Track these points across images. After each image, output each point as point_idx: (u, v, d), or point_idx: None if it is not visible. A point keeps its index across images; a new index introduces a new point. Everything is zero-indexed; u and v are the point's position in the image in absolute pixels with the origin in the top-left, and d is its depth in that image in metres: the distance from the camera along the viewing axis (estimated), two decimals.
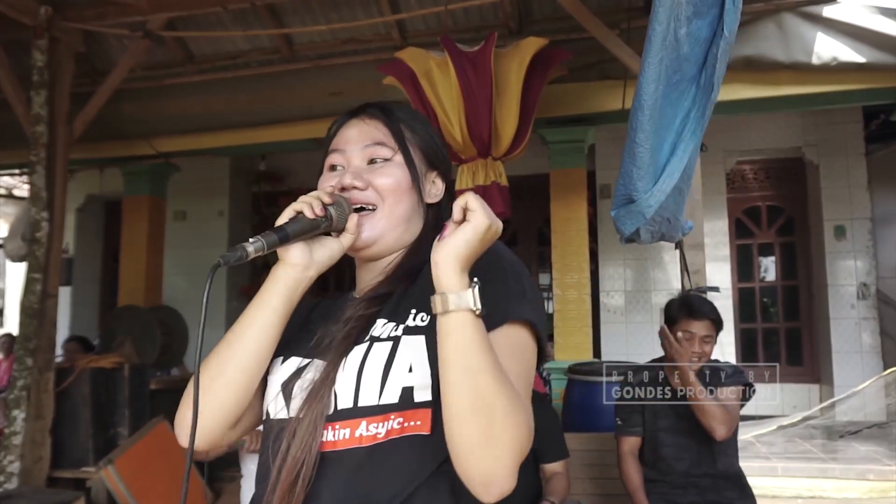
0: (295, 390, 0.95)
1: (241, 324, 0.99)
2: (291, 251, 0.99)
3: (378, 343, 0.93)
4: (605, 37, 3.83)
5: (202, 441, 0.97)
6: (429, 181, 1.11)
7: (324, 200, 0.99)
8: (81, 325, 8.10)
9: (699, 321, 2.69)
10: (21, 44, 4.45)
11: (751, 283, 7.12)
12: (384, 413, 0.89)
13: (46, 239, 4.19)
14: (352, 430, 0.89)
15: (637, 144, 1.93)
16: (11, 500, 3.40)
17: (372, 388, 0.89)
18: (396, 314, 0.97)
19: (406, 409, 0.89)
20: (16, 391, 4.03)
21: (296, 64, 5.18)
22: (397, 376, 0.89)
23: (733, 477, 2.75)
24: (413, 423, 0.89)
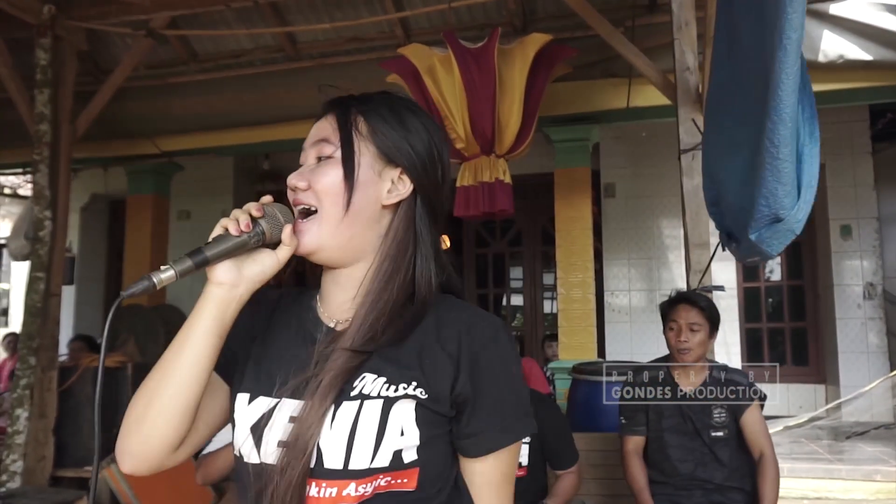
0: (266, 434, 0.91)
1: (172, 348, 0.93)
2: (217, 270, 0.92)
3: (368, 402, 0.89)
4: (610, 34, 3.81)
5: (143, 465, 0.94)
6: (385, 179, 0.98)
7: (252, 214, 0.93)
8: (85, 324, 8.10)
9: (681, 307, 2.68)
10: (24, 42, 4.45)
11: (756, 282, 7.08)
12: (374, 475, 0.88)
13: (50, 238, 4.19)
14: (339, 489, 0.87)
15: (781, 160, 1.78)
16: (14, 499, 3.39)
17: (364, 453, 0.87)
18: (388, 371, 0.91)
19: (395, 470, 0.89)
20: (19, 390, 4.02)
21: (299, 62, 5.17)
22: (390, 440, 0.88)
23: (740, 481, 2.72)
24: (400, 480, 0.89)
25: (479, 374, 0.92)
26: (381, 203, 0.98)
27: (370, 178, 0.97)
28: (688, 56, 3.47)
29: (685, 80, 3.46)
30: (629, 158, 6.74)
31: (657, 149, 6.40)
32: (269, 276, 0.97)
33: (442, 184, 1.03)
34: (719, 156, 2.20)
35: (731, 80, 2.10)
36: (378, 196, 0.98)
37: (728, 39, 2.10)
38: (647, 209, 6.71)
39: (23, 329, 4.17)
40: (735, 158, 2.07)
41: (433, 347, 0.93)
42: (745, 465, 2.74)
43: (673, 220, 6.59)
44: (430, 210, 1.01)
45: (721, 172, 2.17)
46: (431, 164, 1.00)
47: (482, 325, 0.95)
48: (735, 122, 2.07)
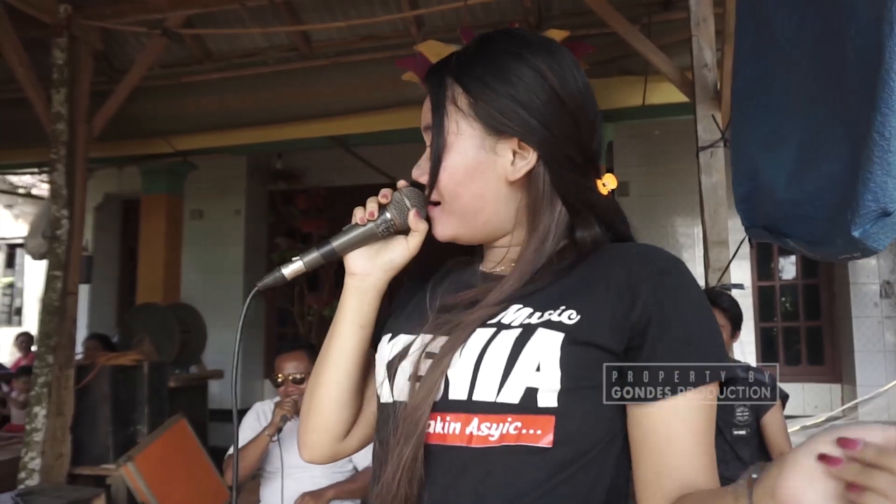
0: (399, 371, 0.86)
1: (327, 339, 0.96)
2: (350, 260, 0.93)
3: (505, 331, 0.79)
4: (627, 31, 3.79)
5: (315, 454, 0.98)
6: (502, 154, 0.86)
7: (380, 201, 0.91)
8: (100, 322, 8.14)
9: None
10: (40, 43, 4.47)
11: (771, 281, 7.04)
12: (501, 413, 0.76)
13: (66, 237, 4.21)
14: (462, 425, 0.78)
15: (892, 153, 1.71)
16: (33, 496, 3.41)
17: (490, 383, 0.77)
18: (536, 301, 0.82)
19: (526, 413, 0.76)
20: (37, 388, 4.04)
21: (313, 61, 5.17)
22: (522, 373, 0.76)
23: None
24: (532, 431, 0.76)
25: (663, 297, 0.78)
26: (507, 180, 0.87)
27: (483, 158, 0.86)
28: (706, 52, 3.44)
29: (703, 76, 3.44)
30: (643, 157, 6.71)
31: (671, 147, 6.37)
32: (402, 264, 0.95)
33: (577, 126, 0.86)
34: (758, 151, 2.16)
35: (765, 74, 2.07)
36: (501, 174, 0.86)
37: (755, 33, 2.07)
38: (661, 208, 6.68)
39: (40, 327, 4.19)
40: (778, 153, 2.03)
41: (597, 280, 0.82)
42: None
43: (687, 219, 6.56)
44: (570, 164, 0.87)
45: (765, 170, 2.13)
46: (553, 115, 0.85)
47: (657, 253, 0.84)
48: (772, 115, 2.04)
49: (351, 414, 0.97)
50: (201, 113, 5.54)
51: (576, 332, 0.77)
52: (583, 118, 0.87)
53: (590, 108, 0.88)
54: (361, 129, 5.28)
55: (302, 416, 0.98)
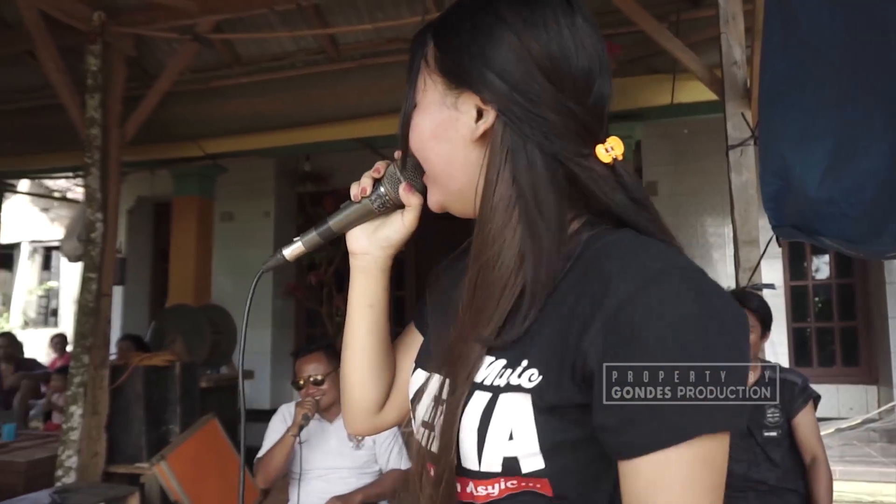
0: (417, 413, 0.83)
1: (346, 324, 0.99)
2: (350, 240, 0.92)
3: (478, 393, 0.71)
4: (655, 30, 3.76)
5: (357, 429, 1.02)
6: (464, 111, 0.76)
7: (373, 176, 0.88)
8: (132, 323, 8.28)
9: None
10: (74, 49, 4.56)
11: (804, 281, 6.93)
12: (491, 479, 0.71)
13: (101, 239, 4.29)
14: (462, 486, 0.73)
15: None
16: (70, 494, 3.47)
17: (470, 454, 0.71)
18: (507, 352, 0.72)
19: (515, 476, 0.70)
20: (73, 387, 4.13)
21: (340, 64, 5.21)
22: (495, 444, 0.69)
23: (794, 483, 2.66)
24: (531, 485, 0.70)
25: (616, 333, 0.62)
26: (470, 139, 0.76)
27: (446, 116, 0.77)
28: (735, 50, 3.40)
29: (732, 74, 3.40)
30: (672, 156, 6.65)
31: (700, 145, 6.30)
32: (401, 241, 0.91)
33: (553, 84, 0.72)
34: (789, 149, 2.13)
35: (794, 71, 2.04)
36: (465, 133, 0.76)
37: (782, 31, 2.05)
38: (690, 207, 6.61)
39: (76, 328, 4.28)
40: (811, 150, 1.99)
41: (556, 314, 0.69)
42: (798, 467, 2.68)
43: (717, 219, 6.48)
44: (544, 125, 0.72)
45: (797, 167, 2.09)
46: (521, 71, 0.72)
47: (634, 270, 0.65)
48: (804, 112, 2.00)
49: (377, 390, 0.98)
50: (231, 116, 5.61)
51: (538, 395, 0.67)
52: (566, 76, 0.73)
53: (579, 65, 0.73)
54: (388, 131, 5.30)
55: (341, 394, 1.01)
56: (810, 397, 2.67)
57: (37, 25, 4.23)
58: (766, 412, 2.64)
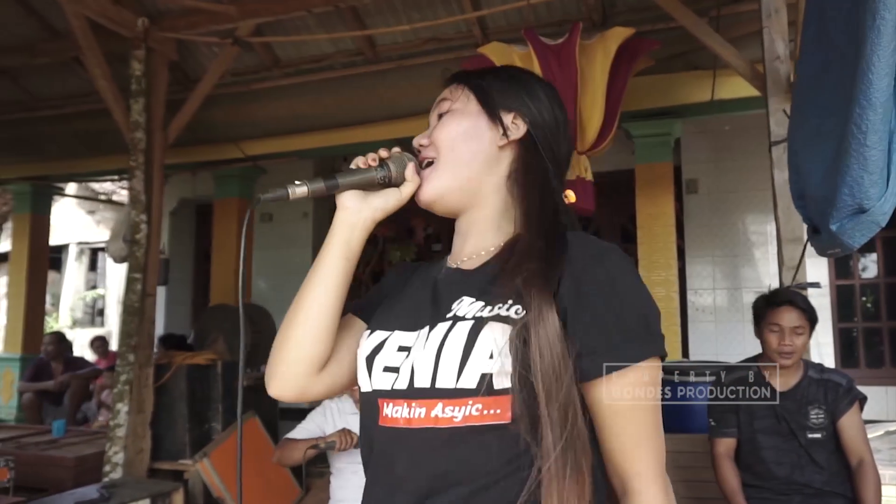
0: (375, 364, 0.96)
1: (309, 273, 1.03)
2: (344, 196, 1.01)
3: (461, 323, 0.89)
4: (694, 25, 3.71)
5: (287, 387, 1.01)
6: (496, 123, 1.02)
7: (381, 155, 1.02)
8: (175, 323, 8.44)
9: (785, 310, 2.56)
10: (119, 55, 4.67)
11: (850, 279, 6.76)
12: (462, 397, 0.85)
13: (145, 240, 4.39)
14: (427, 409, 0.87)
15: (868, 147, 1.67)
16: (117, 489, 3.56)
17: (450, 371, 0.86)
18: (486, 293, 0.92)
19: (485, 395, 0.84)
20: (119, 385, 4.23)
21: (378, 65, 5.24)
22: (476, 362, 0.85)
23: (841, 486, 2.60)
24: (492, 410, 0.84)
25: (583, 284, 0.86)
26: (496, 144, 1.01)
27: (482, 124, 1.02)
28: (778, 44, 3.34)
29: (775, 69, 3.34)
30: (712, 153, 6.54)
31: (742, 142, 6.19)
32: (392, 209, 1.04)
33: (558, 129, 1.04)
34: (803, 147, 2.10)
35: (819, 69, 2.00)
36: (493, 139, 1.01)
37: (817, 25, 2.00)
38: (731, 205, 6.49)
39: (121, 327, 4.38)
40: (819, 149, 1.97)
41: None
42: (844, 470, 2.61)
43: (759, 216, 6.36)
44: (550, 153, 1.03)
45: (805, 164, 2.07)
46: (546, 110, 1.03)
47: (591, 243, 0.92)
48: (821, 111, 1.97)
49: (325, 348, 1.01)
50: (270, 118, 5.69)
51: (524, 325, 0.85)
52: (562, 130, 1.05)
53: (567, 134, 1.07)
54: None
55: (274, 347, 1.02)
56: (856, 398, 2.60)
57: (84, 32, 4.34)
58: (810, 413, 2.58)
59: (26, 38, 5.43)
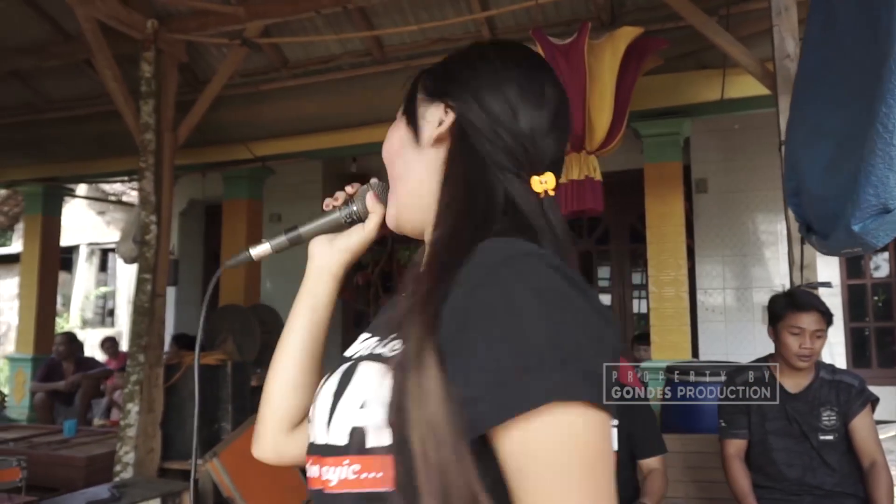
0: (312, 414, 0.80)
1: (285, 325, 0.97)
2: (311, 245, 0.96)
3: (343, 365, 0.75)
4: (704, 24, 3.69)
5: (260, 448, 0.95)
6: (430, 120, 0.81)
7: (347, 192, 0.95)
8: (185, 323, 8.48)
9: (808, 314, 2.54)
10: (128, 57, 4.69)
11: (862, 279, 6.71)
12: (336, 455, 0.69)
13: (155, 241, 4.41)
14: (319, 468, 0.72)
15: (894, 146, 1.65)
16: (128, 488, 3.58)
17: (321, 423, 0.72)
18: (378, 328, 0.79)
19: (360, 454, 0.67)
20: (130, 385, 4.25)
21: (386, 65, 5.25)
22: (346, 412, 0.69)
23: (853, 487, 2.58)
24: (371, 474, 0.66)
25: (470, 309, 0.62)
26: (428, 145, 0.81)
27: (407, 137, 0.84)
28: (788, 42, 3.32)
29: (785, 67, 3.32)
30: (722, 152, 6.51)
31: (751, 141, 6.16)
32: (359, 247, 0.95)
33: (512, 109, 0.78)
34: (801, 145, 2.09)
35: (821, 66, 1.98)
36: (425, 139, 0.81)
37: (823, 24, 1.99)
38: (741, 204, 6.46)
39: (132, 328, 4.40)
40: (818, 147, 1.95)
41: None
42: (856, 471, 2.60)
43: (769, 216, 6.33)
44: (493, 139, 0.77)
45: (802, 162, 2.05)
46: (489, 88, 0.79)
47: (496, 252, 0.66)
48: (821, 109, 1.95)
49: (295, 404, 0.92)
50: (279, 119, 5.71)
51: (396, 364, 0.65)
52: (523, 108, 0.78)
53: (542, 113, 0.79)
54: None
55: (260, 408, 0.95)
56: (868, 400, 2.59)
57: (94, 35, 4.37)
58: (822, 415, 2.57)
59: (38, 41, 5.47)
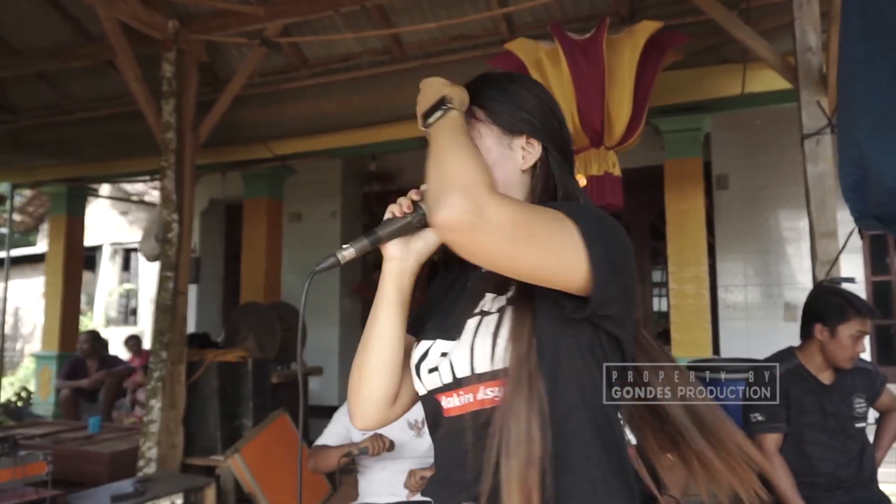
0: (422, 369, 1.09)
1: (368, 322, 1.13)
2: (388, 247, 1.09)
3: (487, 316, 1.04)
4: (724, 18, 3.66)
5: (373, 423, 1.15)
6: (516, 149, 1.11)
7: (413, 198, 1.09)
8: (206, 321, 8.56)
9: (865, 320, 2.57)
10: (150, 58, 4.75)
11: (887, 276, 6.62)
12: (497, 379, 0.98)
13: (177, 239, 4.45)
14: (474, 394, 1.01)
15: None
16: (151, 483, 3.62)
17: (484, 357, 1.00)
18: (501, 287, 1.06)
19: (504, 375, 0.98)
20: (153, 382, 4.30)
21: (405, 63, 5.25)
22: (504, 344, 0.98)
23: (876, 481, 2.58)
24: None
25: None
26: (519, 170, 1.11)
27: (502, 154, 1.10)
28: (810, 36, 3.29)
29: (807, 61, 3.29)
30: (743, 147, 6.45)
31: (773, 136, 6.10)
32: (433, 249, 1.13)
33: (561, 128, 1.14)
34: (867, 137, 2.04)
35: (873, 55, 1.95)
36: (516, 165, 1.11)
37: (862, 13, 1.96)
38: (762, 200, 6.40)
39: (154, 325, 4.45)
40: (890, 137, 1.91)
41: None
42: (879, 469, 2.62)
43: (791, 212, 6.26)
44: (563, 157, 1.13)
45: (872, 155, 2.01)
46: (548, 119, 1.12)
47: None
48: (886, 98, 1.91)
49: (396, 383, 1.13)
50: (299, 118, 5.73)
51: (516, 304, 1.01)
52: (564, 125, 1.15)
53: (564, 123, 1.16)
54: None
55: (352, 388, 1.13)
56: (885, 380, 2.72)
57: (116, 36, 4.42)
58: (854, 404, 2.61)
59: (62, 43, 5.55)
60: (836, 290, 2.76)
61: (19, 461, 2.96)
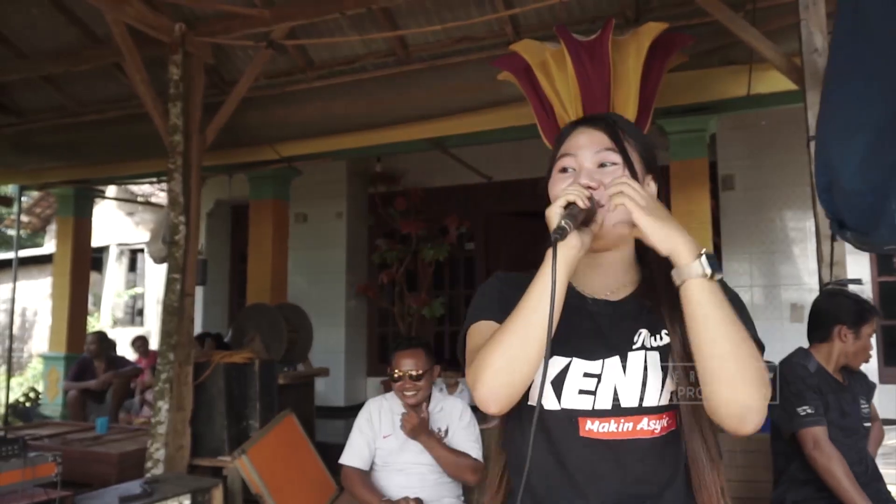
0: (566, 387, 1.16)
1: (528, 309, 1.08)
2: (572, 237, 1.09)
3: (650, 352, 1.16)
4: (730, 19, 3.66)
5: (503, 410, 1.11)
6: (645, 183, 1.24)
7: (586, 195, 1.12)
8: (213, 322, 8.59)
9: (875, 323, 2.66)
10: (157, 60, 4.77)
11: (893, 276, 6.60)
12: (661, 413, 1.14)
13: (184, 241, 4.47)
14: (634, 424, 1.13)
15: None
16: (159, 484, 3.63)
17: (654, 391, 1.13)
18: (652, 326, 1.19)
19: (672, 410, 1.14)
20: (160, 383, 4.32)
21: (410, 65, 5.26)
22: (669, 383, 1.13)
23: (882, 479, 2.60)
24: (670, 421, 1.15)
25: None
26: None
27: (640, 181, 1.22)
28: (815, 37, 3.29)
29: (813, 62, 3.28)
30: (748, 149, 6.45)
31: (778, 137, 6.10)
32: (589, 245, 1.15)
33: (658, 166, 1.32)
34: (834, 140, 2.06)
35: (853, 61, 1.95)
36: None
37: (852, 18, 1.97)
38: (768, 201, 6.40)
39: (162, 327, 4.47)
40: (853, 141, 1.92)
41: None
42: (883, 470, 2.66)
43: (797, 213, 6.26)
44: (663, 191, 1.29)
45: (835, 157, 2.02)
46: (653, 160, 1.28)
47: None
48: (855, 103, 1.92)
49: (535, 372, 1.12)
50: (305, 120, 5.75)
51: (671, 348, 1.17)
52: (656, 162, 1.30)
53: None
54: (459, 131, 5.34)
55: (498, 375, 1.08)
56: (874, 387, 2.82)
57: (123, 38, 4.44)
58: (861, 406, 2.66)
59: (69, 46, 5.58)
60: (846, 293, 2.79)
61: (29, 462, 2.98)
